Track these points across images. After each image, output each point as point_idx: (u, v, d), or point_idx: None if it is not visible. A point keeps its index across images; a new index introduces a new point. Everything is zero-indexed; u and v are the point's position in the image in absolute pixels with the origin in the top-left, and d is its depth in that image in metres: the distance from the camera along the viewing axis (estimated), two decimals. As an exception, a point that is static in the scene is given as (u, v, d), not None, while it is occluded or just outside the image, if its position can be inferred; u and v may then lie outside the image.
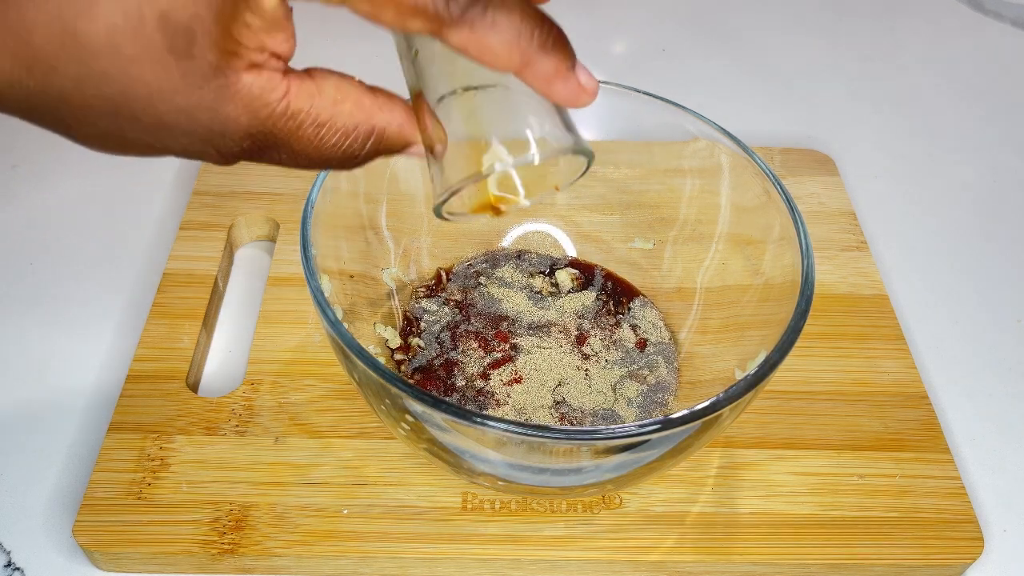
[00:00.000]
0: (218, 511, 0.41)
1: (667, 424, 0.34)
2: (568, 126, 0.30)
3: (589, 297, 0.51)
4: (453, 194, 0.30)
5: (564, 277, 0.51)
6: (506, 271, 0.52)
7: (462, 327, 0.49)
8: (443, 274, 0.51)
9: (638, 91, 0.47)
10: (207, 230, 0.54)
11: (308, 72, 0.28)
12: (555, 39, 0.29)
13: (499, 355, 0.47)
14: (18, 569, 0.41)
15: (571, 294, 0.51)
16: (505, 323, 0.49)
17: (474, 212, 0.33)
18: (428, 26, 0.26)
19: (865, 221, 0.61)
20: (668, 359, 0.48)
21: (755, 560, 0.41)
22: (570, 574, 0.42)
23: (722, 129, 0.45)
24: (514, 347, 0.47)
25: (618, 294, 0.51)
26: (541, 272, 0.52)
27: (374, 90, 0.30)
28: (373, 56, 0.57)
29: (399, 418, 0.37)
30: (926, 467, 0.45)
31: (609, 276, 0.52)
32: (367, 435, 0.45)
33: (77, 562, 0.41)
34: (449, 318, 0.49)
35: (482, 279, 0.51)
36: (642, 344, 0.49)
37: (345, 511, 0.42)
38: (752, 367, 0.40)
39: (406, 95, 0.32)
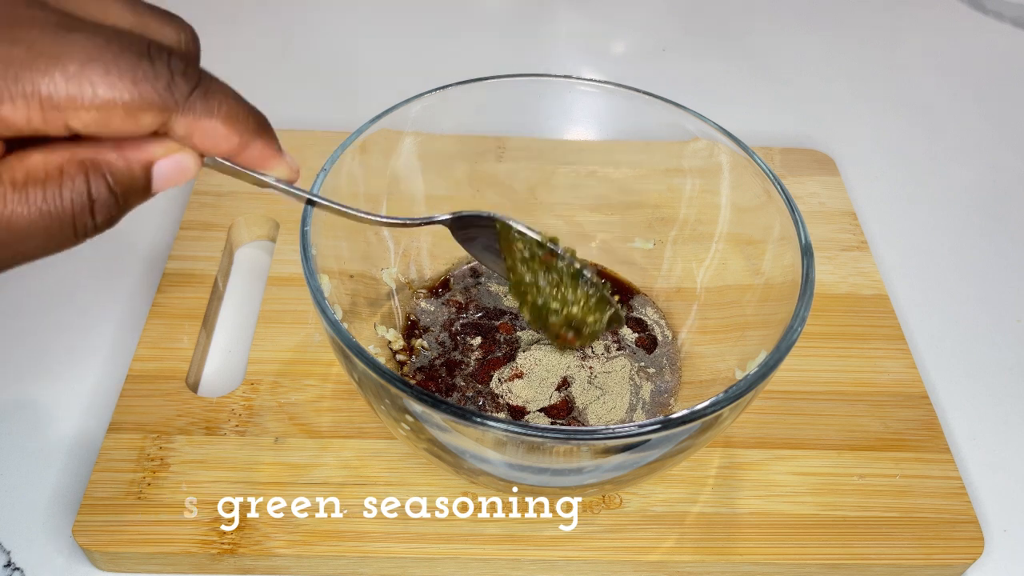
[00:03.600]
0: (218, 511, 0.41)
1: (667, 424, 0.34)
2: None
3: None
4: None
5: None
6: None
7: (463, 327, 0.49)
8: (445, 276, 0.51)
9: (638, 91, 0.47)
10: (207, 230, 0.54)
11: None
12: (264, 122, 0.31)
13: (499, 354, 0.47)
14: (18, 569, 0.41)
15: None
16: (506, 317, 0.49)
17: None
18: (158, 118, 0.27)
19: (865, 221, 0.61)
20: (669, 359, 0.48)
21: (755, 560, 0.41)
22: (570, 574, 0.42)
23: (722, 129, 0.45)
24: (515, 341, 0.47)
25: (618, 292, 0.51)
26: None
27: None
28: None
29: (399, 418, 0.37)
30: (926, 467, 0.45)
31: (609, 275, 0.52)
32: (367, 435, 0.45)
33: (77, 562, 0.41)
34: (450, 318, 0.49)
35: (481, 278, 0.51)
36: (644, 342, 0.49)
37: (345, 511, 0.42)
38: (752, 367, 0.40)
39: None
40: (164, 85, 0.27)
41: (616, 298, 0.45)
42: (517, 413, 0.45)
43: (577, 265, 0.43)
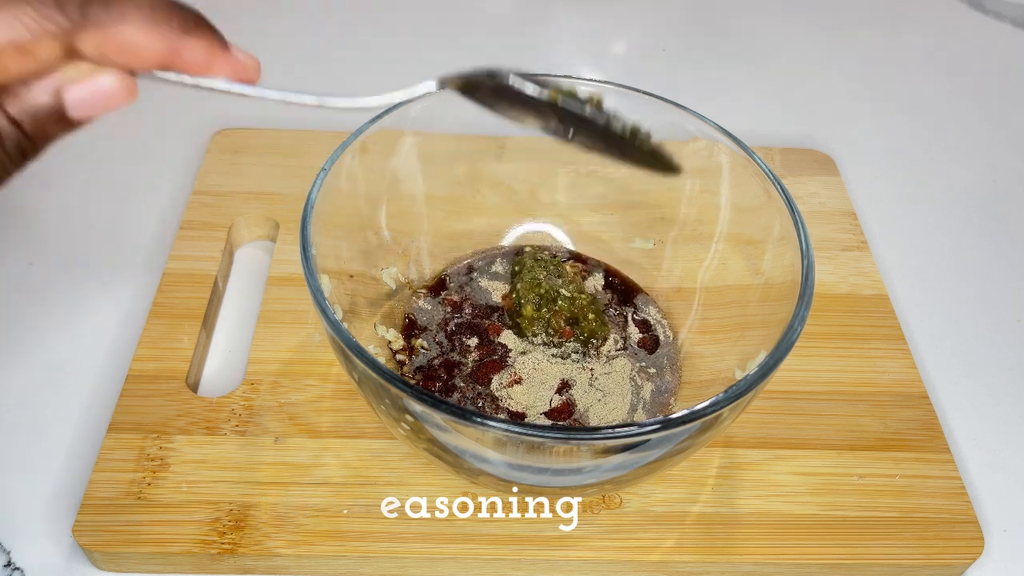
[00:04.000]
0: (218, 511, 0.41)
1: (667, 424, 0.34)
2: None
3: (598, 281, 0.51)
4: None
5: (567, 271, 0.51)
6: (504, 267, 0.52)
7: (458, 327, 0.49)
8: (443, 275, 0.51)
9: (638, 91, 0.47)
10: (207, 230, 0.54)
11: None
12: (195, 20, 0.27)
13: (495, 357, 0.47)
14: (18, 569, 0.41)
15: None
16: (495, 316, 0.49)
17: None
18: (58, 45, 0.24)
19: (865, 221, 0.61)
20: (669, 359, 0.48)
21: (755, 560, 0.41)
22: (570, 574, 0.42)
23: (722, 129, 0.45)
24: (506, 345, 0.47)
25: (620, 291, 0.51)
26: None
27: None
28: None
29: (399, 418, 0.37)
30: (926, 467, 0.45)
31: (611, 272, 0.52)
32: (367, 435, 0.45)
33: (77, 562, 0.41)
34: (449, 318, 0.49)
35: (474, 274, 0.51)
36: (646, 342, 0.49)
37: (345, 511, 0.42)
38: (752, 367, 0.40)
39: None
40: (50, 6, 0.24)
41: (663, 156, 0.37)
42: (518, 419, 0.45)
43: (600, 121, 0.35)
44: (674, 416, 0.34)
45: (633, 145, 0.35)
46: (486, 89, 0.34)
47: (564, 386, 0.46)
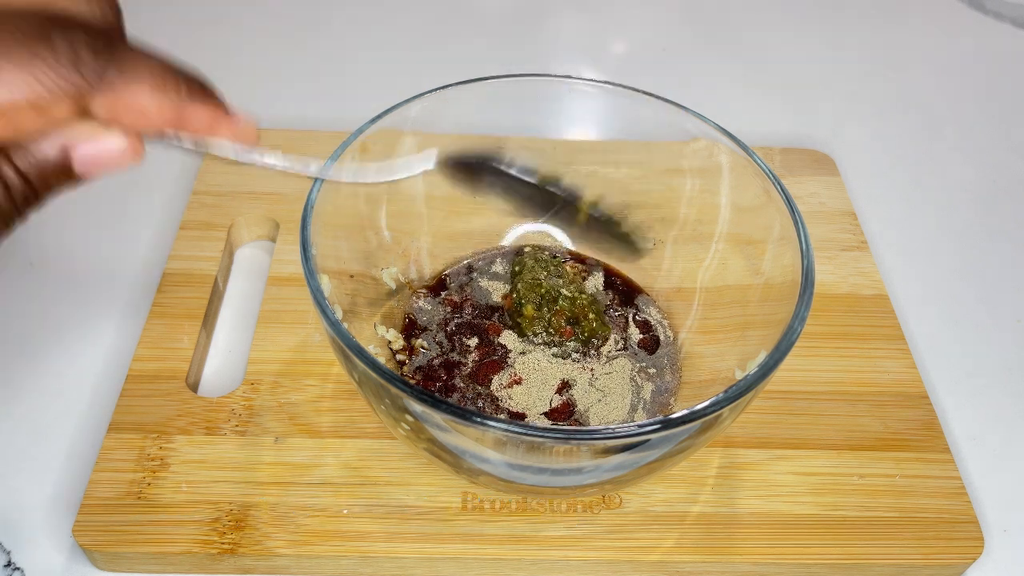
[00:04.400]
0: (218, 511, 0.41)
1: (667, 424, 0.34)
2: None
3: (599, 281, 0.51)
4: None
5: (567, 271, 0.51)
6: (504, 267, 0.52)
7: (458, 327, 0.49)
8: (443, 275, 0.51)
9: (638, 91, 0.47)
10: (207, 230, 0.54)
11: None
12: (201, 84, 0.28)
13: (495, 357, 0.47)
14: (18, 569, 0.41)
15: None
16: (495, 316, 0.49)
17: None
18: (72, 105, 0.25)
19: (865, 221, 0.61)
20: (669, 359, 0.48)
21: (755, 560, 0.41)
22: (570, 574, 0.42)
23: (722, 129, 0.45)
24: (506, 345, 0.48)
25: (621, 291, 0.51)
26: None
27: None
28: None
29: (399, 418, 0.37)
30: (926, 467, 0.45)
31: (611, 272, 0.52)
32: (367, 435, 0.45)
33: (77, 562, 0.41)
34: (449, 318, 0.49)
35: (474, 274, 0.51)
36: (646, 343, 0.49)
37: (345, 511, 0.42)
38: (752, 367, 0.40)
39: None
40: (69, 68, 0.24)
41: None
42: (518, 419, 0.45)
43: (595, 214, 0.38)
44: (674, 416, 0.34)
45: (604, 231, 0.39)
46: (481, 172, 0.37)
47: (564, 386, 0.46)
